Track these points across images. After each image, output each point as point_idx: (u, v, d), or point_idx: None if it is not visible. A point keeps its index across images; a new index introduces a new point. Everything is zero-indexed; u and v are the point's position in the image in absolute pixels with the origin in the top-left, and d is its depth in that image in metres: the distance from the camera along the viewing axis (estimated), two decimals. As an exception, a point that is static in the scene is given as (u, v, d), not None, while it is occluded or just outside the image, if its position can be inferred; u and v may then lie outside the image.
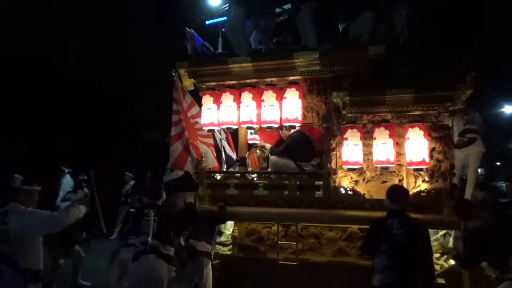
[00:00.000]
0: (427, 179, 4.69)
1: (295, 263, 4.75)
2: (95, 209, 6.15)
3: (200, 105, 5.27)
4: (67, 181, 7.25)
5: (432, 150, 4.66)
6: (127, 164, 10.65)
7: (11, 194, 3.44)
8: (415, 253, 3.11)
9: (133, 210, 4.70)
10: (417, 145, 4.49)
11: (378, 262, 3.16)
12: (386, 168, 4.67)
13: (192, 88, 5.65)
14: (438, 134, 4.67)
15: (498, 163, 23.24)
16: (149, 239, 3.82)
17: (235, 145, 6.11)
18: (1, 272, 3.13)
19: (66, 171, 7.70)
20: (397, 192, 3.48)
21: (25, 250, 3.20)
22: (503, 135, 18.94)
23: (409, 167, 4.63)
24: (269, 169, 5.23)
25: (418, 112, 4.67)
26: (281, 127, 4.97)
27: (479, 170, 8.31)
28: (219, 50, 5.97)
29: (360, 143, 4.67)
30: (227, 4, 5.89)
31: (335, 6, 5.15)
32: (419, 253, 3.12)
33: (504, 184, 10.30)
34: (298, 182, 4.81)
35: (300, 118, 4.76)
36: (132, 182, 9.54)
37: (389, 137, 4.53)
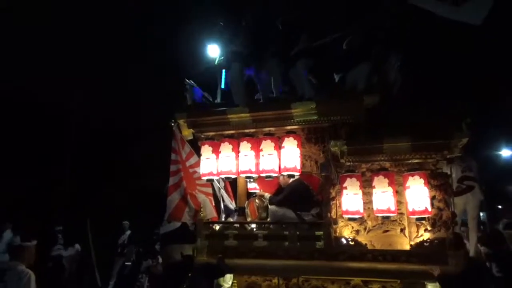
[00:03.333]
0: (429, 228, 4.61)
1: (297, 319, 4.56)
2: (90, 260, 6.01)
3: (199, 154, 5.29)
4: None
5: (432, 199, 4.62)
6: (124, 213, 10.50)
7: (11, 251, 3.35)
8: None
9: (129, 263, 4.58)
10: (419, 194, 4.45)
11: None
12: (387, 217, 4.61)
13: (191, 137, 5.69)
14: (438, 182, 4.65)
15: (500, 206, 23.04)
16: None
17: (234, 195, 6.06)
18: None
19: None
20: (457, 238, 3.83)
21: None
22: (502, 178, 18.91)
23: (411, 217, 4.57)
24: (268, 219, 5.15)
25: (416, 160, 4.68)
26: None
27: (481, 214, 8.29)
28: (218, 99, 6.07)
29: (360, 192, 4.64)
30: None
31: (329, 59, 5.32)
32: None
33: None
34: (298, 233, 4.72)
35: (299, 167, 4.76)
36: (128, 232, 9.36)
37: (389, 186, 4.52)
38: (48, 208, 11.29)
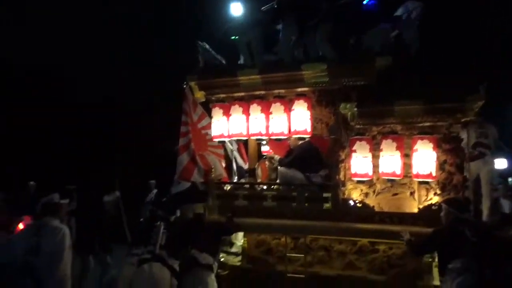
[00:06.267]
0: (438, 192, 4.59)
1: (304, 276, 4.71)
2: (120, 218, 6.35)
3: (211, 117, 5.34)
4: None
5: (443, 163, 4.57)
6: (145, 173, 10.82)
7: (46, 208, 3.49)
8: (490, 256, 3.43)
9: (143, 220, 4.80)
10: (425, 158, 4.40)
11: (454, 265, 3.41)
12: (393, 180, 4.60)
13: (204, 100, 5.73)
14: (450, 146, 4.57)
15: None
16: (156, 249, 3.87)
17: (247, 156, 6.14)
18: (25, 285, 3.16)
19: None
20: (464, 203, 3.92)
21: (51, 268, 3.23)
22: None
23: (415, 179, 4.54)
24: (277, 181, 5.23)
25: (428, 124, 4.59)
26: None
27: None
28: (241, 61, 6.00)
29: (369, 155, 4.62)
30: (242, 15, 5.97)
31: (347, 23, 5.13)
32: (493, 256, 3.45)
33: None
34: (306, 194, 4.80)
35: (309, 129, 4.76)
36: (155, 191, 9.68)
37: (396, 149, 4.47)
38: (76, 169, 11.79)
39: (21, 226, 5.37)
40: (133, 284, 3.85)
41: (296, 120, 4.76)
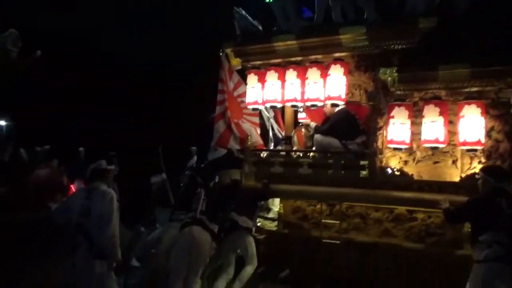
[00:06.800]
0: (483, 160, 4.39)
1: (339, 242, 4.75)
2: (166, 191, 6.66)
3: (246, 83, 5.34)
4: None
5: (490, 130, 4.34)
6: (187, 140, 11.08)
7: (96, 173, 3.69)
8: None
9: (183, 185, 4.99)
10: (473, 124, 4.19)
11: (486, 238, 3.23)
12: (436, 148, 4.43)
13: (240, 67, 5.72)
14: (498, 112, 4.33)
15: None
16: (197, 214, 4.04)
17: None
18: (79, 243, 3.41)
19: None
20: (504, 171, 3.61)
21: (101, 228, 3.41)
22: None
23: (461, 148, 4.35)
24: (313, 148, 5.20)
25: (475, 89, 4.33)
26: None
27: None
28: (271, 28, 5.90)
29: (408, 121, 4.46)
30: None
31: None
32: None
33: None
34: (342, 162, 4.75)
35: (343, 96, 4.65)
36: (196, 157, 9.92)
37: (440, 115, 4.28)
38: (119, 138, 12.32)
39: (73, 188, 5.78)
40: (175, 245, 4.07)
41: (331, 85, 4.65)
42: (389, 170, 4.65)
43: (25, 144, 6.56)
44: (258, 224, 5.18)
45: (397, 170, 4.63)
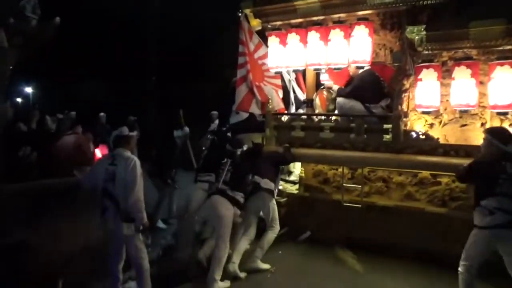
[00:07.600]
0: (514, 123, 4.20)
1: (360, 206, 4.76)
2: (186, 147, 6.77)
3: (267, 45, 5.20)
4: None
5: (523, 91, 4.10)
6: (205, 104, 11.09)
7: (119, 140, 3.74)
8: None
9: (205, 149, 5.05)
10: (505, 85, 3.97)
11: (488, 203, 3.12)
12: (466, 111, 4.26)
13: (260, 28, 5.54)
14: (533, 72, 4.05)
15: None
16: (219, 184, 4.13)
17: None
18: (107, 207, 3.55)
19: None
20: (510, 134, 3.35)
21: (126, 193, 3.50)
22: None
23: (492, 110, 4.16)
24: (336, 111, 5.10)
25: (509, 47, 4.06)
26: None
27: None
28: None
29: (437, 83, 4.28)
30: None
31: None
32: None
33: None
34: (365, 125, 4.64)
35: (368, 58, 4.47)
36: (217, 121, 9.92)
37: (471, 77, 4.07)
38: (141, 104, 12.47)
39: (98, 153, 5.94)
40: (201, 209, 4.26)
41: (355, 47, 4.47)
42: (414, 134, 4.52)
43: (49, 112, 6.74)
44: (280, 187, 5.23)
45: (422, 134, 4.50)
